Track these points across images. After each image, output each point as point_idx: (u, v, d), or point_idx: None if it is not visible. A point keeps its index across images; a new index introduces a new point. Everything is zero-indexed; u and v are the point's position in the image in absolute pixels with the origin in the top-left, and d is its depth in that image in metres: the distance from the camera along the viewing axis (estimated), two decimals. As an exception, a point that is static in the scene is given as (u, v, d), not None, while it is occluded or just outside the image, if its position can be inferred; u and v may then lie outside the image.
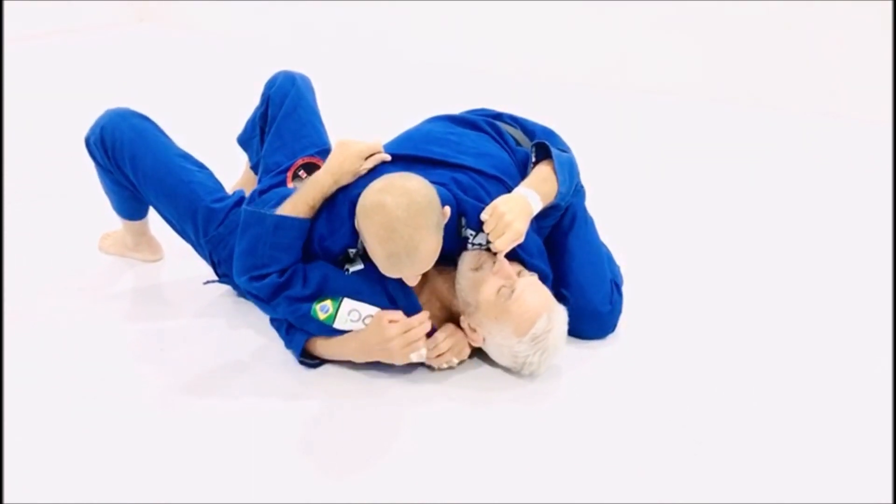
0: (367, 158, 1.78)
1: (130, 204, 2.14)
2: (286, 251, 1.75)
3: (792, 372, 1.84)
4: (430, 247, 1.61)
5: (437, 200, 1.64)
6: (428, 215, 1.59)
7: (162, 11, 6.06)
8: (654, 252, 2.41)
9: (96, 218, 2.39)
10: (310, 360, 1.83)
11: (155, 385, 1.77)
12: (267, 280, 1.75)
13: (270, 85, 2.21)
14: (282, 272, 1.75)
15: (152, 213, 2.15)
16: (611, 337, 1.96)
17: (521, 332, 1.69)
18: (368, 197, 1.62)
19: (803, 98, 3.88)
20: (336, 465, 1.54)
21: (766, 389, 1.77)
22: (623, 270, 2.07)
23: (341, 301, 1.73)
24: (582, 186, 2.07)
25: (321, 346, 1.81)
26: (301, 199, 1.75)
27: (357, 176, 1.77)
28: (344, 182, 1.76)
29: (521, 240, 1.73)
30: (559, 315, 1.74)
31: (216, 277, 2.07)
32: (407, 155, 1.84)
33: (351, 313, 1.74)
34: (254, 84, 2.27)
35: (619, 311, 1.97)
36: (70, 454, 1.55)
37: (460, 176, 1.80)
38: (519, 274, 1.75)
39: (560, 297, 1.91)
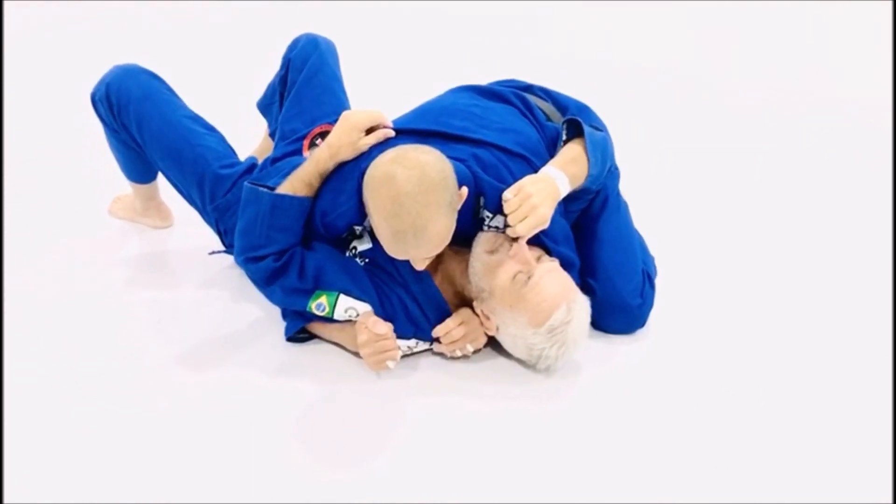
0: (369, 133, 1.64)
1: (137, 166, 2.04)
2: (283, 232, 1.64)
3: (822, 374, 1.68)
4: (440, 228, 1.47)
5: (453, 178, 1.50)
6: (440, 193, 1.46)
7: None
8: (691, 243, 2.22)
9: (110, 181, 2.29)
10: (300, 335, 1.74)
11: (149, 357, 1.69)
12: (263, 263, 1.65)
13: (292, 48, 2.09)
14: (279, 255, 1.65)
15: (162, 178, 2.05)
16: (639, 333, 1.80)
17: (536, 322, 1.55)
18: (378, 167, 1.49)
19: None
20: (324, 454, 1.43)
21: (796, 392, 1.62)
22: (657, 262, 1.91)
23: (337, 298, 1.63)
24: (616, 168, 1.91)
25: (316, 327, 1.73)
26: (298, 177, 1.63)
27: (357, 151, 1.62)
28: (342, 157, 1.63)
29: (546, 226, 1.58)
30: (581, 306, 1.60)
31: (223, 248, 1.97)
32: (424, 129, 1.69)
33: (348, 311, 1.63)
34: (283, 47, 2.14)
35: (650, 306, 1.82)
36: (53, 423, 1.49)
37: (481, 152, 1.65)
38: (538, 259, 1.60)
39: (586, 288, 1.76)
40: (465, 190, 1.54)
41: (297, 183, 1.64)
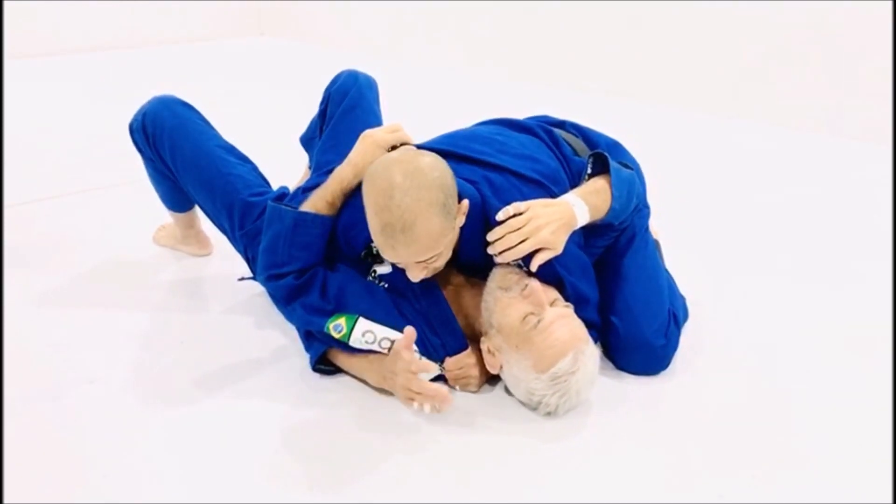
0: (391, 150, 1.63)
1: (174, 195, 2.10)
2: (305, 250, 1.64)
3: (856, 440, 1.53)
4: (430, 227, 1.41)
5: (451, 183, 1.47)
6: (433, 192, 1.41)
7: (280, 25, 6.28)
8: (729, 286, 2.13)
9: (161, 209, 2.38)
10: (325, 366, 1.71)
11: (164, 375, 1.71)
12: (283, 281, 1.65)
13: (333, 83, 2.14)
14: (300, 273, 1.65)
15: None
16: (661, 375, 1.71)
17: (540, 367, 1.49)
18: (377, 163, 1.47)
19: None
20: (310, 484, 1.40)
21: (820, 447, 1.49)
22: (690, 305, 1.83)
23: (356, 321, 1.60)
24: (647, 207, 1.86)
25: (340, 358, 1.69)
26: (320, 196, 1.64)
27: None
28: None
29: (556, 251, 1.53)
30: (589, 357, 1.51)
31: (252, 274, 1.99)
32: (440, 150, 1.68)
33: (366, 334, 1.59)
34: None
35: (675, 347, 1.74)
36: (63, 439, 1.50)
37: (494, 176, 1.62)
38: (552, 303, 1.54)
39: (608, 326, 1.70)
40: (466, 203, 1.51)
41: (320, 202, 1.64)
